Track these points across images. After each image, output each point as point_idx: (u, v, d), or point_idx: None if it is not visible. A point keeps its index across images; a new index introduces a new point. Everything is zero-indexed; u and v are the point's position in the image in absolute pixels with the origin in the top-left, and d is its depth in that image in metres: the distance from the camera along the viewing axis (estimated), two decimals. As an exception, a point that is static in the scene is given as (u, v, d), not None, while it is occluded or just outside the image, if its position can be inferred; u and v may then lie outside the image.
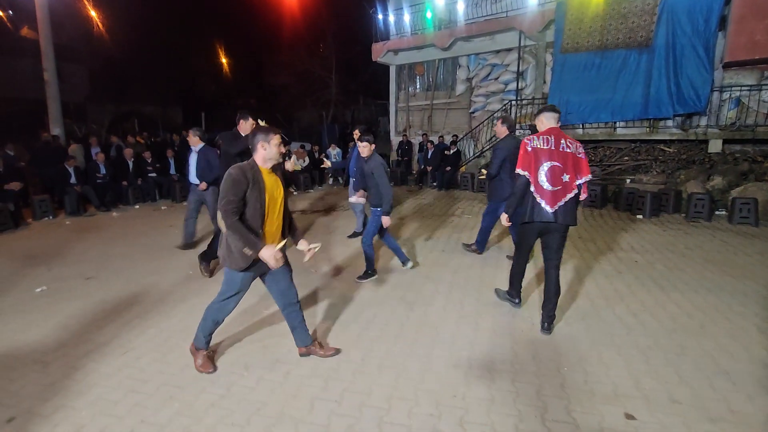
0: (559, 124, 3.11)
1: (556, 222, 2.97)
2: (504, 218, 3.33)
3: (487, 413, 2.26)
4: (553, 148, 2.98)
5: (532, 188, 3.01)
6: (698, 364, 2.70)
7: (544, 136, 3.02)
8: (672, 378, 2.55)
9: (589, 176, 3.03)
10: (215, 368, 2.66)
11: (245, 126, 4.37)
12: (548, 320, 3.11)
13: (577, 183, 2.99)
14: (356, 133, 5.59)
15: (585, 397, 2.39)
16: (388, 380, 2.56)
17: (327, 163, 6.16)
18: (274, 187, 2.45)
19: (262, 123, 3.77)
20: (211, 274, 4.40)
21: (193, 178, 5.09)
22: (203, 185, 5.00)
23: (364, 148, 4.00)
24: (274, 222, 2.48)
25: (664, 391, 2.42)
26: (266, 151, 2.39)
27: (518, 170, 3.07)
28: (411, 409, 2.30)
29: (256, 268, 2.48)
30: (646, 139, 9.16)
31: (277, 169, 2.53)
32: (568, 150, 2.99)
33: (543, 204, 2.97)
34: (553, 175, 2.96)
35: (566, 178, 2.96)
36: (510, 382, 2.53)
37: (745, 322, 3.24)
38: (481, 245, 5.05)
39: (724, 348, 2.88)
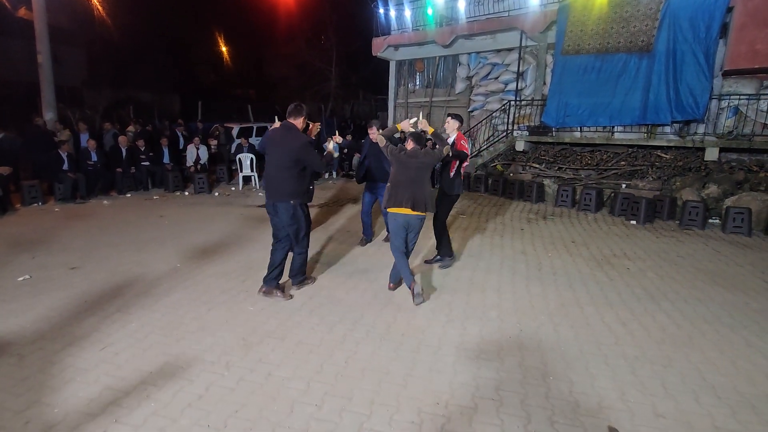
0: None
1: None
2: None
3: (468, 422, 2.23)
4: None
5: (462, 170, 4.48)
6: (685, 377, 2.67)
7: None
8: (658, 391, 2.53)
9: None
10: None
11: None
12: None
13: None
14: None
15: (569, 408, 2.36)
16: (370, 384, 2.52)
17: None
18: None
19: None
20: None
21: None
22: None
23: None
24: None
25: (649, 405, 2.40)
26: None
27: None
28: (392, 416, 2.26)
29: None
30: (644, 144, 9.12)
31: None
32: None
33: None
34: None
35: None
36: (494, 390, 2.50)
37: (734, 335, 3.22)
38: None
39: (711, 361, 2.85)
